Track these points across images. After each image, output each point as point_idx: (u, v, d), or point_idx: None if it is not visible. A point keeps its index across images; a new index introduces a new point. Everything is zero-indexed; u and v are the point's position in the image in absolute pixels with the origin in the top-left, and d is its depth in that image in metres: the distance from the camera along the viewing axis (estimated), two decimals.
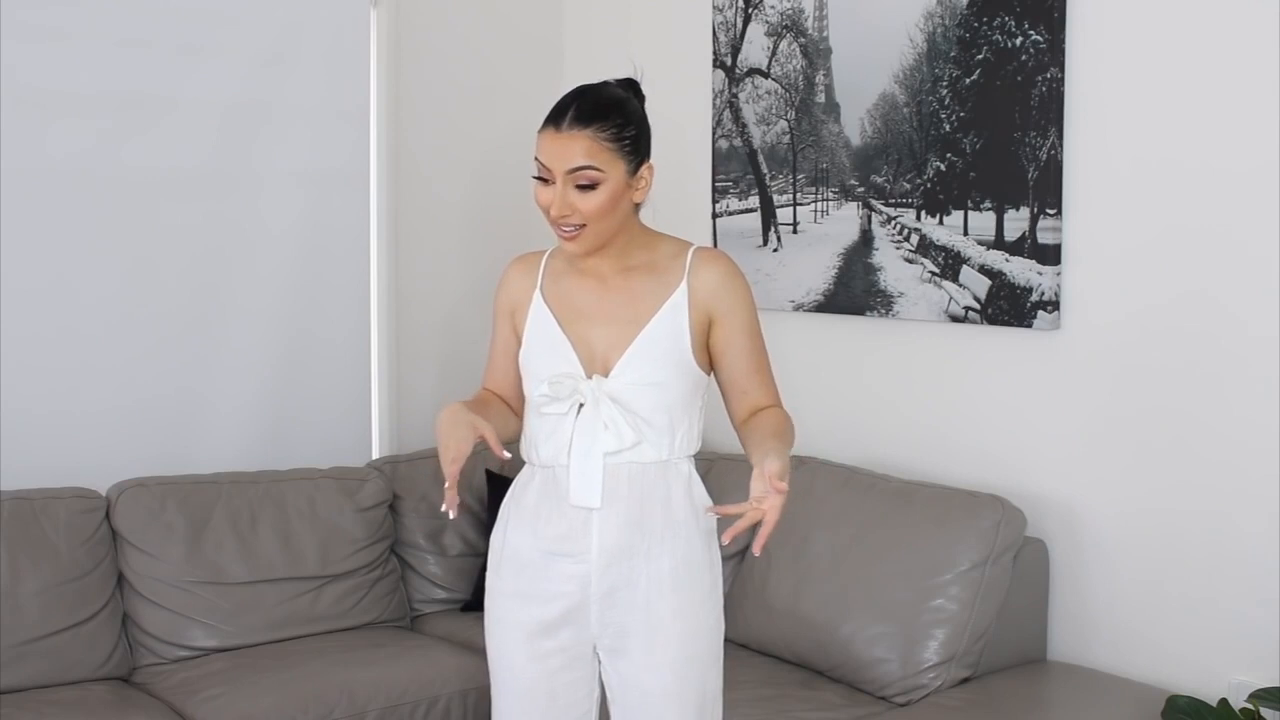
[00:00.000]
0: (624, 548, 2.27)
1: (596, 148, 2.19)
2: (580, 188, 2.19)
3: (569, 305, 2.32)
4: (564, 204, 2.20)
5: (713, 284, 2.29)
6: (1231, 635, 2.92)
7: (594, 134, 2.20)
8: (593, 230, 2.22)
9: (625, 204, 2.25)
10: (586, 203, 2.20)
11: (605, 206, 2.21)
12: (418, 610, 3.75)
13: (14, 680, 3.11)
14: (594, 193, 2.20)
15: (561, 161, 2.19)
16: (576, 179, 2.19)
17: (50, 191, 3.51)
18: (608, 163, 2.20)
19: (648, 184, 2.28)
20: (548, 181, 2.22)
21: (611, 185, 2.21)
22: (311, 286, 3.92)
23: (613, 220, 2.24)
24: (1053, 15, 3.12)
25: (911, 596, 3.08)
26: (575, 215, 2.20)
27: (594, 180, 2.19)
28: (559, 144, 2.20)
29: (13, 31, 3.42)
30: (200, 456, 3.69)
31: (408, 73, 4.11)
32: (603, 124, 2.21)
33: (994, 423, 3.33)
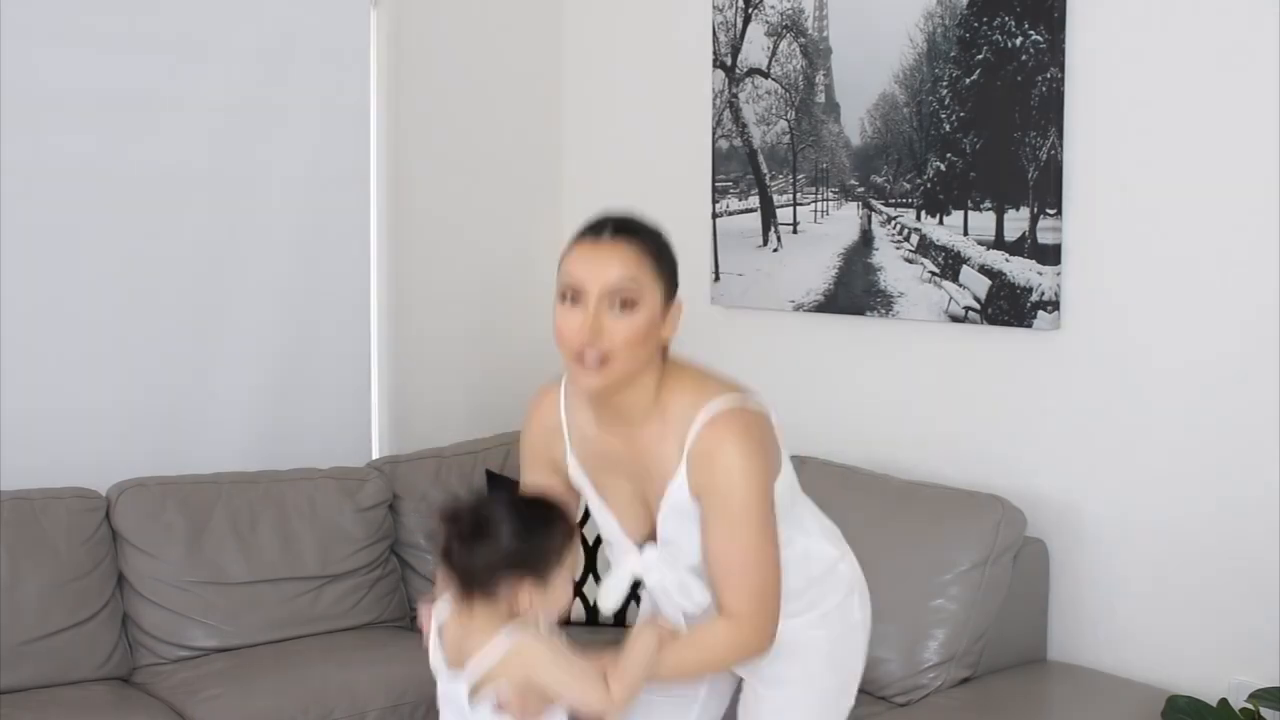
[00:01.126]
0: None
1: (638, 262, 1.98)
2: (620, 306, 1.96)
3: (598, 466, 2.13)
4: (596, 328, 1.95)
5: (703, 461, 2.01)
6: (1231, 635, 2.92)
7: (638, 247, 1.99)
8: (620, 362, 1.97)
9: (655, 340, 2.02)
10: (621, 327, 1.96)
11: (640, 333, 1.97)
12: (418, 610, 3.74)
13: (14, 680, 3.11)
14: (632, 315, 1.96)
15: (599, 276, 1.96)
16: (617, 296, 1.96)
17: (50, 191, 3.51)
18: (648, 283, 1.98)
19: (676, 323, 2.05)
20: (575, 302, 1.98)
21: (648, 310, 1.98)
22: (312, 286, 3.92)
23: (641, 354, 2.00)
24: (1053, 15, 3.12)
25: (911, 596, 3.08)
26: (604, 341, 1.95)
27: (633, 299, 1.96)
28: (598, 256, 1.97)
29: (13, 31, 3.42)
30: (200, 456, 3.69)
31: (408, 73, 4.11)
32: (646, 241, 2.01)
33: (994, 423, 3.33)
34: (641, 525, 2.11)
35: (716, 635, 2.05)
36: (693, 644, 2.07)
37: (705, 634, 2.06)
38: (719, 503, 2.00)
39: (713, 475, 1.99)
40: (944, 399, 3.44)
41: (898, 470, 3.43)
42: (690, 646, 2.06)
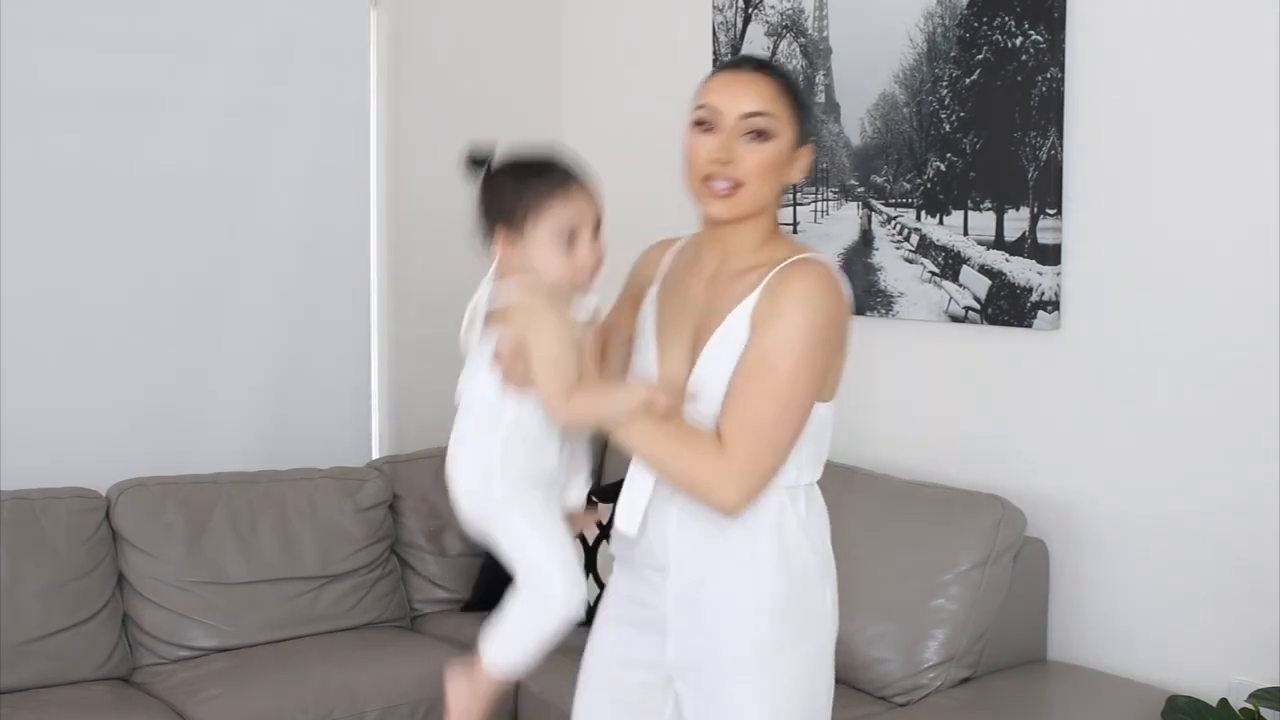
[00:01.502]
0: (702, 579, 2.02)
1: (777, 96, 1.99)
2: (752, 135, 1.97)
3: (673, 304, 2.10)
4: (727, 150, 1.97)
5: (775, 290, 1.97)
6: (1231, 635, 2.92)
7: (777, 83, 2.00)
8: (748, 193, 1.98)
9: (781, 177, 2.02)
10: (752, 155, 1.97)
11: (769, 166, 1.98)
12: (418, 610, 3.75)
13: (14, 680, 3.11)
14: (764, 145, 1.97)
15: (737, 103, 1.98)
16: (750, 124, 1.97)
17: (50, 191, 3.51)
18: (783, 117, 1.99)
19: (804, 167, 2.05)
20: (709, 129, 2.00)
21: (781, 144, 1.99)
22: (312, 286, 3.92)
23: (767, 188, 2.00)
24: (1053, 15, 3.12)
25: (911, 596, 3.08)
26: (735, 167, 1.97)
27: (768, 130, 1.97)
28: (738, 84, 1.99)
29: (13, 31, 3.43)
30: (200, 456, 3.69)
31: (408, 73, 4.11)
32: (781, 78, 2.02)
33: (994, 423, 3.33)
34: (678, 369, 2.04)
35: (699, 443, 1.95)
36: (673, 432, 1.96)
37: (692, 434, 1.97)
38: (768, 329, 1.94)
39: (777, 302, 1.95)
40: (944, 399, 3.44)
41: (898, 470, 3.43)
42: (668, 432, 1.96)
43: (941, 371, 3.45)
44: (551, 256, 1.99)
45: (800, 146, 2.04)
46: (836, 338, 2.00)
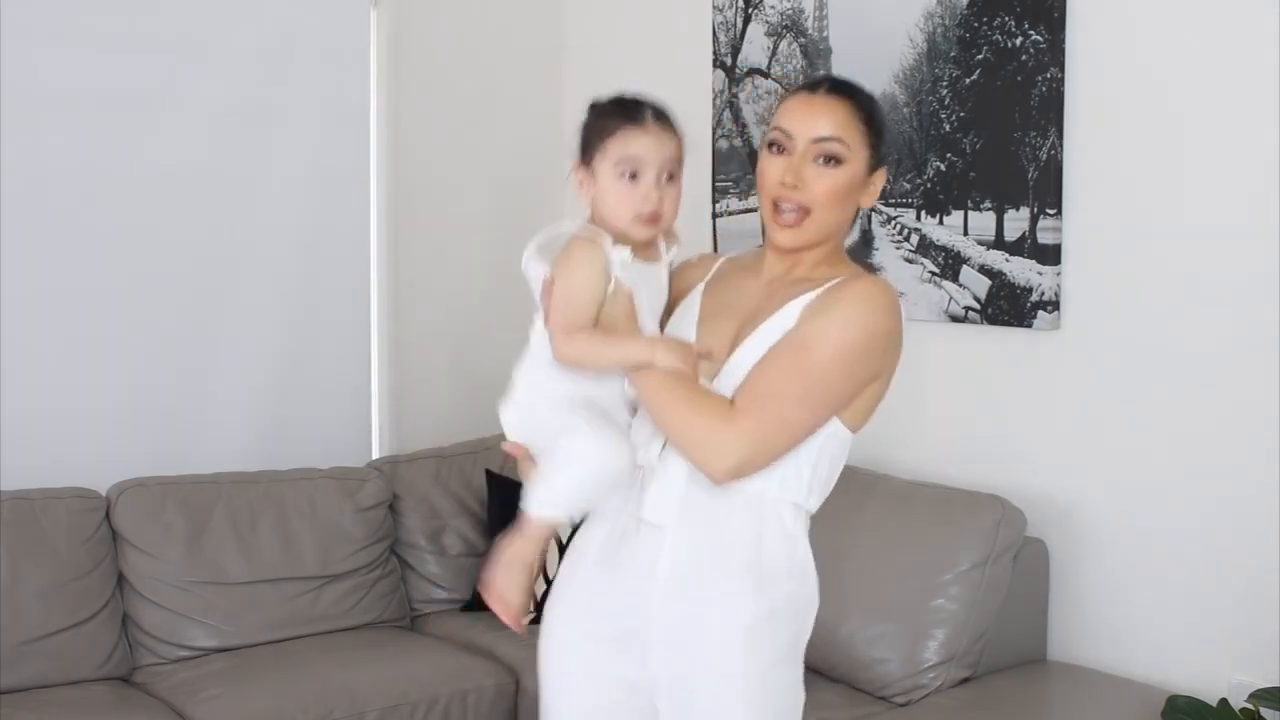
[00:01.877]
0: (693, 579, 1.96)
1: (850, 122, 1.95)
2: (822, 161, 1.95)
3: (721, 299, 2.05)
4: (797, 174, 1.94)
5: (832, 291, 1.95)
6: (1231, 635, 2.92)
7: (852, 108, 1.96)
8: (816, 220, 1.96)
9: (852, 204, 2.00)
10: (822, 181, 1.94)
11: (839, 192, 1.95)
12: (418, 610, 3.75)
13: (14, 680, 3.11)
14: (834, 171, 1.94)
15: (809, 127, 1.95)
16: (821, 149, 1.94)
17: (50, 191, 3.51)
18: (855, 143, 1.96)
19: (877, 191, 2.02)
20: (781, 151, 1.97)
21: (852, 170, 1.96)
22: (312, 286, 3.92)
23: (837, 215, 1.98)
24: (1053, 15, 3.12)
25: (911, 596, 3.08)
26: (803, 192, 1.94)
27: (838, 155, 1.94)
28: (811, 107, 1.96)
29: (13, 31, 3.42)
30: (200, 456, 3.69)
31: (408, 73, 4.11)
32: (857, 103, 1.98)
33: (994, 423, 3.33)
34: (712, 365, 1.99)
35: (707, 401, 1.91)
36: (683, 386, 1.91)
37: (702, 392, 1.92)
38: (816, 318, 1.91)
39: (833, 298, 1.93)
40: (944, 399, 3.44)
41: (898, 470, 3.43)
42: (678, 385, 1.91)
43: (941, 371, 3.45)
44: (610, 191, 1.97)
45: (874, 172, 2.01)
46: (883, 354, 1.97)
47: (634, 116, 1.98)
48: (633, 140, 1.96)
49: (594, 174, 1.99)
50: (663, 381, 1.91)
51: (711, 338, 2.00)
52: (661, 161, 1.97)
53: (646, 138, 1.96)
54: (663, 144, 1.97)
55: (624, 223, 1.97)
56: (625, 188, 1.96)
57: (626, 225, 1.97)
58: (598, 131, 1.99)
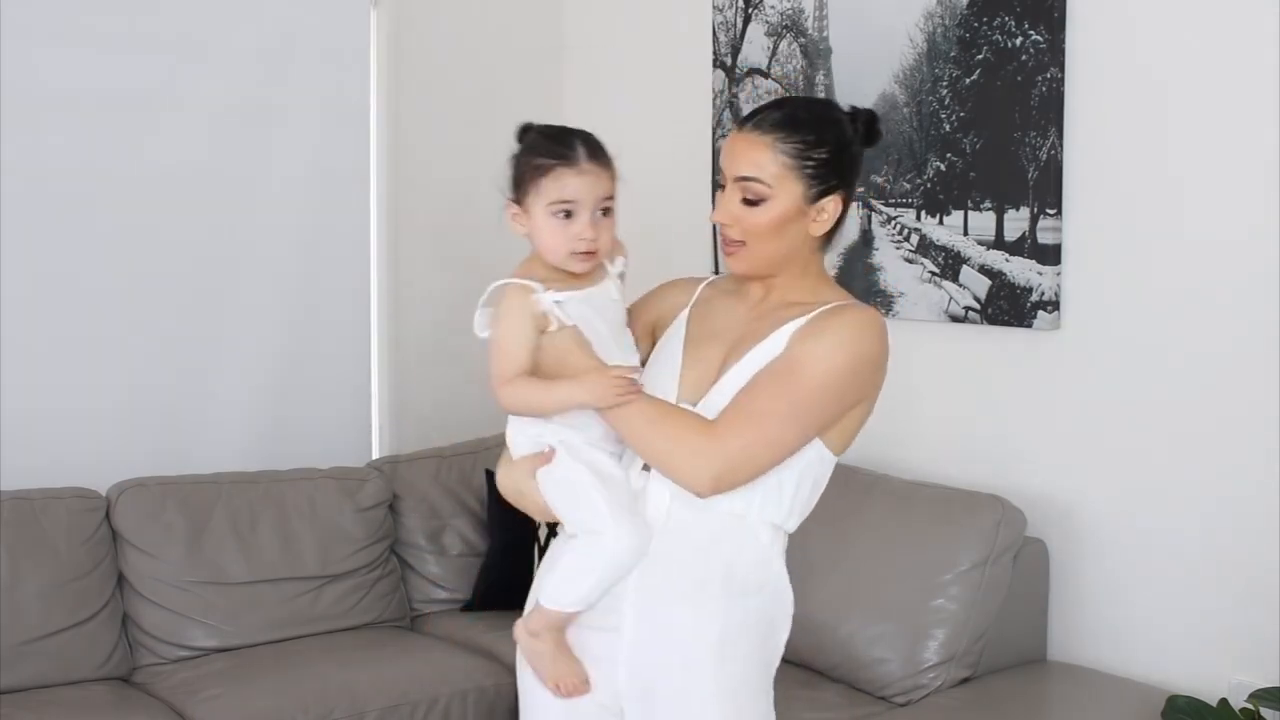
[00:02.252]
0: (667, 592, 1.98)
1: (770, 159, 1.94)
2: (746, 201, 1.96)
3: (706, 325, 2.07)
4: (725, 212, 1.98)
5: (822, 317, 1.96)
6: (1231, 635, 2.92)
7: (773, 144, 1.95)
8: (752, 251, 1.98)
9: (796, 233, 1.98)
10: (749, 218, 1.96)
11: (769, 227, 1.96)
12: (418, 610, 3.75)
13: (14, 680, 3.11)
14: (757, 209, 1.95)
15: (733, 166, 1.98)
16: (741, 190, 1.96)
17: (50, 191, 3.51)
18: (779, 179, 1.94)
19: (831, 217, 1.99)
20: (721, 188, 2.02)
21: (779, 207, 1.95)
22: (312, 286, 3.92)
23: (777, 246, 1.98)
24: (1053, 15, 3.12)
25: (911, 596, 3.08)
26: (734, 229, 1.98)
27: (759, 196, 1.95)
28: (735, 146, 1.98)
29: (13, 31, 3.42)
30: (200, 456, 3.69)
31: (408, 73, 4.11)
32: (787, 136, 1.95)
33: (994, 423, 3.33)
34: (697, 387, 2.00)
35: (685, 419, 1.93)
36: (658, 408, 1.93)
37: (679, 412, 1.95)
38: (805, 342, 1.93)
39: (823, 324, 1.95)
40: (944, 399, 3.44)
41: (898, 470, 3.43)
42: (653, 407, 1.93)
43: (941, 371, 3.45)
44: (545, 230, 1.99)
45: (818, 201, 1.97)
46: (870, 379, 2.00)
47: (566, 156, 1.97)
48: (567, 181, 1.97)
49: (528, 211, 2.00)
50: (638, 410, 1.92)
51: (699, 363, 2.02)
52: (595, 200, 1.98)
53: (581, 178, 1.97)
54: (597, 182, 1.98)
55: (560, 259, 1.99)
56: (560, 226, 1.97)
57: (563, 261, 1.99)
58: (531, 171, 1.99)
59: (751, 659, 2.00)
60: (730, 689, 1.98)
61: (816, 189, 1.96)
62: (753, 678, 2.01)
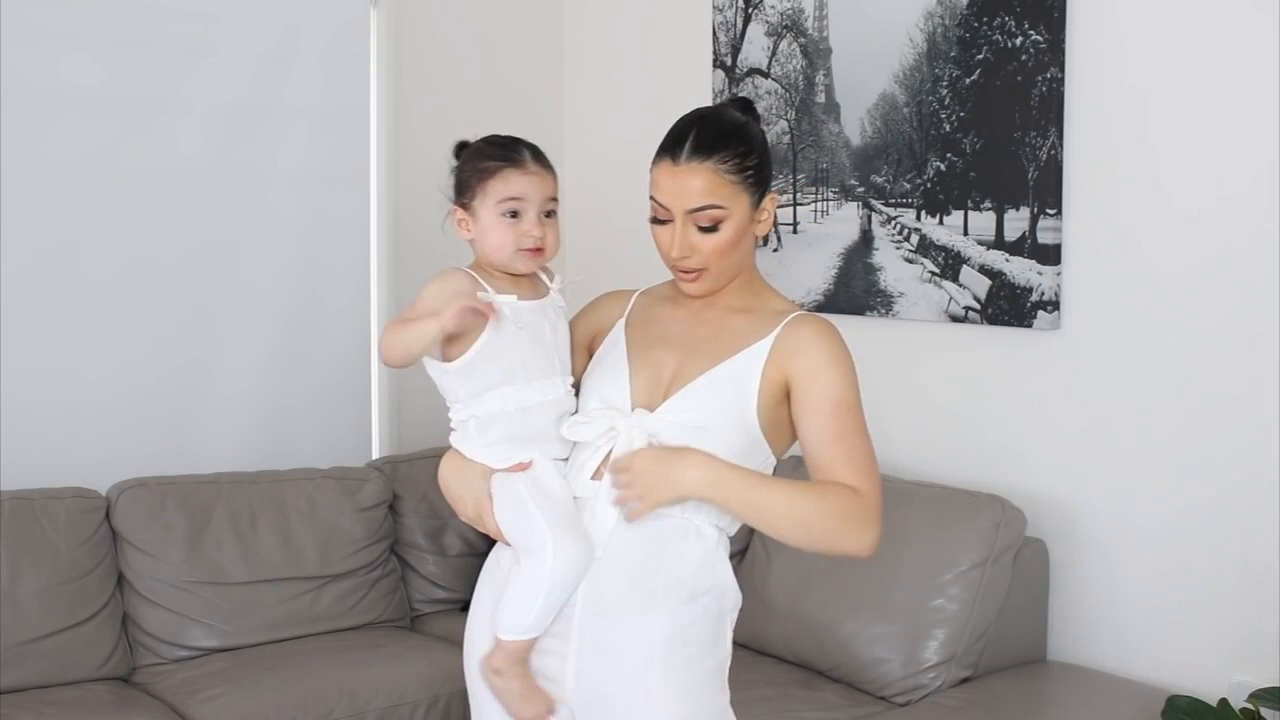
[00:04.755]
0: (613, 600, 1.98)
1: (718, 182, 1.97)
2: (702, 229, 1.98)
3: (650, 331, 2.09)
4: (685, 245, 1.99)
5: (799, 343, 1.99)
6: (1231, 635, 2.92)
7: (715, 166, 1.97)
8: (715, 271, 2.02)
9: (748, 240, 2.04)
10: (709, 244, 1.99)
11: (728, 245, 2.00)
12: (418, 610, 3.75)
13: (14, 680, 3.11)
14: (716, 234, 1.98)
15: (681, 200, 1.97)
16: (698, 219, 1.98)
17: (50, 192, 3.51)
18: (731, 198, 1.98)
19: (770, 215, 2.06)
20: (665, 222, 2.01)
21: (735, 223, 1.99)
22: (312, 286, 3.92)
23: (735, 258, 2.03)
24: (1053, 15, 3.12)
25: (911, 596, 3.08)
26: (695, 258, 2.00)
27: (716, 220, 1.98)
28: (677, 181, 1.98)
29: (13, 31, 3.43)
30: (200, 456, 3.69)
31: (408, 73, 4.11)
32: (724, 154, 1.98)
33: (994, 423, 3.33)
34: (650, 393, 2.02)
35: (834, 493, 1.94)
36: (797, 486, 1.95)
37: (819, 488, 1.95)
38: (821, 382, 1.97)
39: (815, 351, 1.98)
40: (944, 399, 3.44)
41: (898, 470, 3.43)
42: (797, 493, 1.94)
43: (941, 371, 3.45)
44: (493, 229, 2.04)
45: (761, 201, 2.03)
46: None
47: (513, 158, 2.05)
48: (514, 180, 2.04)
49: (474, 214, 2.06)
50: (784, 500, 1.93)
51: (647, 368, 2.04)
52: (541, 200, 2.05)
53: (527, 177, 2.04)
54: (543, 182, 2.06)
55: (507, 256, 2.04)
56: (507, 224, 2.03)
57: (509, 259, 2.04)
58: (477, 173, 2.05)
59: (702, 661, 2.00)
60: (681, 692, 1.98)
61: (757, 194, 2.02)
62: (704, 679, 2.01)
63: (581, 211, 4.37)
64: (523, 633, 2.00)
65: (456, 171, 2.10)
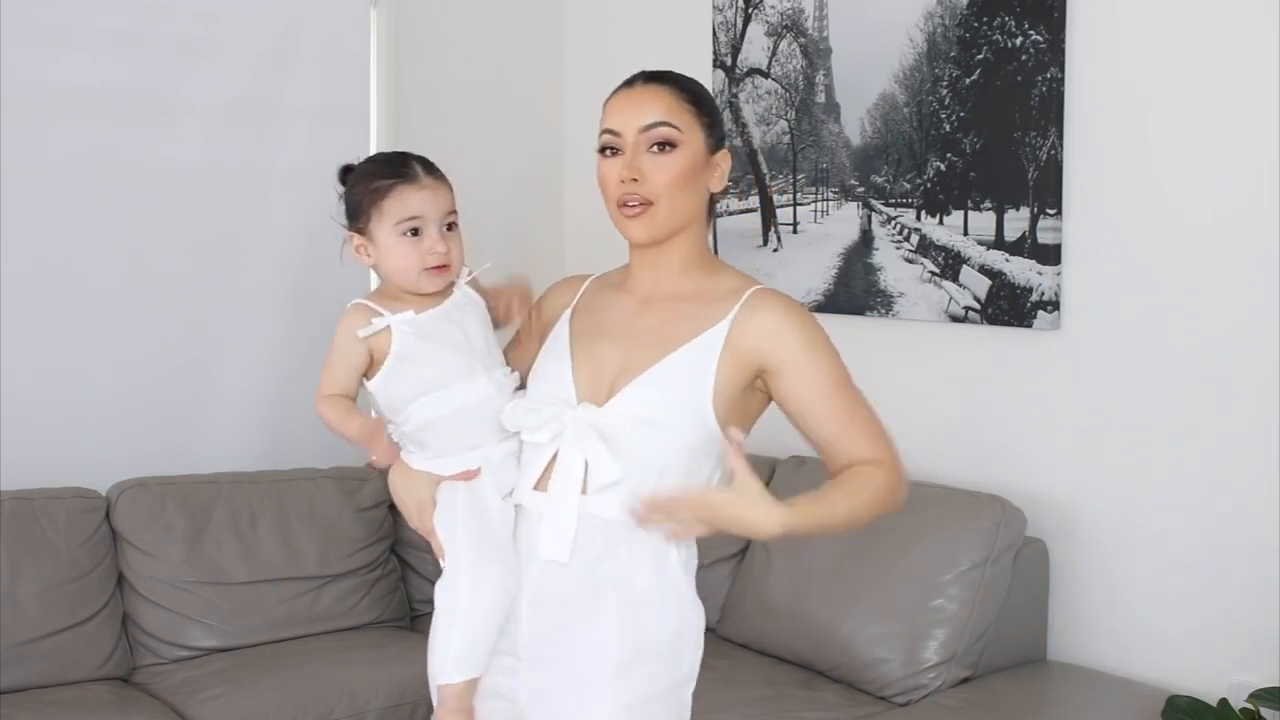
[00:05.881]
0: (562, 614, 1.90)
1: (675, 106, 1.91)
2: (656, 149, 1.89)
3: (594, 323, 1.98)
4: (634, 168, 1.88)
5: (768, 328, 1.89)
6: (1231, 635, 2.92)
7: (672, 91, 1.92)
8: (662, 209, 1.90)
9: (700, 187, 1.94)
10: (660, 170, 1.89)
11: (680, 177, 1.90)
12: (418, 610, 3.75)
13: (14, 680, 3.11)
14: (670, 156, 1.89)
15: (635, 118, 1.90)
16: (651, 137, 1.89)
17: (50, 192, 3.51)
18: (686, 126, 1.91)
19: (723, 174, 1.97)
20: (615, 153, 1.92)
21: (690, 152, 1.90)
22: (312, 286, 3.91)
23: (685, 201, 1.92)
24: (1053, 15, 3.12)
25: (911, 596, 3.08)
26: (644, 185, 1.88)
27: (671, 139, 1.89)
28: (632, 100, 1.92)
29: (13, 31, 3.42)
30: (200, 456, 3.69)
31: (408, 73, 4.11)
32: (681, 89, 1.93)
33: (994, 423, 3.33)
34: (595, 386, 1.92)
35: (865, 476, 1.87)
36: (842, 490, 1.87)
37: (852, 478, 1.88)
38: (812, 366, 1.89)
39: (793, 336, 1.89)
40: (944, 399, 3.44)
41: None
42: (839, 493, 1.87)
43: (941, 371, 3.45)
44: (394, 251, 1.98)
45: (715, 153, 1.96)
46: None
47: (405, 174, 1.98)
48: (410, 198, 1.96)
49: (371, 238, 2.00)
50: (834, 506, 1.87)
51: (590, 360, 1.94)
52: (440, 214, 1.98)
53: (423, 193, 1.97)
54: (439, 196, 1.98)
55: (413, 278, 1.98)
56: (409, 245, 1.97)
57: (415, 281, 1.98)
58: (370, 195, 1.98)
59: (658, 679, 1.91)
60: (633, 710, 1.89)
61: (712, 140, 1.95)
62: (660, 698, 1.91)
63: (582, 213, 4.37)
64: (454, 675, 1.90)
65: (346, 196, 2.03)
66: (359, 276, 4.04)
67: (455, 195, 2.01)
